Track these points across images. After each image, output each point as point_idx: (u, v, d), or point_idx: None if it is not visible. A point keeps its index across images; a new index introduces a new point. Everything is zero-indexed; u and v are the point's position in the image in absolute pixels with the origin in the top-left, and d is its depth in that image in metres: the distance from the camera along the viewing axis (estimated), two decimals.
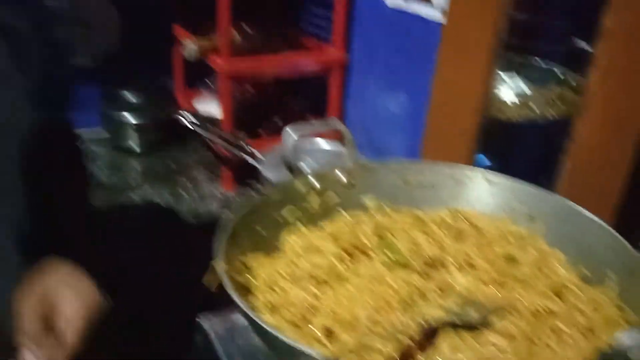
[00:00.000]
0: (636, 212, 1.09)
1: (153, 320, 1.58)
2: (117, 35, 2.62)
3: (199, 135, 2.17)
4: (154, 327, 1.54)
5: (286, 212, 0.90)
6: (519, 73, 1.61)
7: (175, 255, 1.84)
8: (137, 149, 2.50)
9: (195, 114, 2.36)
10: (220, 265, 0.70)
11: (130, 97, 2.49)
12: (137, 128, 2.48)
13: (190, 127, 2.13)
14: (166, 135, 2.56)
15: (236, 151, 1.99)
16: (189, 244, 1.88)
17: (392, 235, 0.86)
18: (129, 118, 2.45)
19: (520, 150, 1.46)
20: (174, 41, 2.56)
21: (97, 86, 2.51)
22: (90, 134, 2.56)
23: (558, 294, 0.74)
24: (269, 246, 0.86)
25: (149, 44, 2.58)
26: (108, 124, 2.53)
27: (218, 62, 2.00)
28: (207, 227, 1.91)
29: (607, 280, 0.77)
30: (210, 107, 2.52)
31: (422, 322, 0.65)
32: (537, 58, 1.63)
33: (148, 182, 2.29)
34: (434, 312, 0.68)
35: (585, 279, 0.79)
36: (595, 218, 0.83)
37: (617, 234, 0.79)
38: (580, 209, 0.85)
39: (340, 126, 1.00)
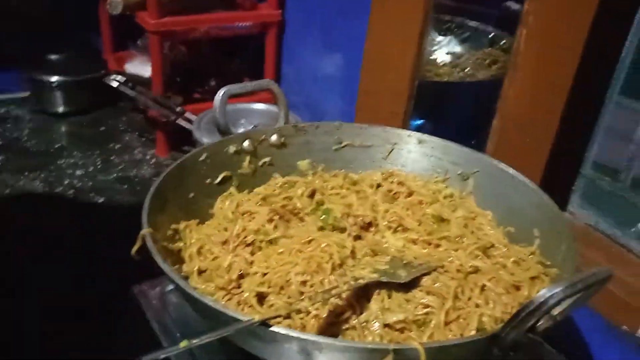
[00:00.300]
0: (565, 172, 1.13)
1: (88, 293, 1.53)
2: None
3: (130, 98, 2.09)
4: (89, 300, 1.50)
5: (218, 177, 0.88)
6: (452, 34, 1.63)
7: (108, 225, 1.79)
8: (61, 110, 2.38)
9: (125, 75, 2.26)
10: (147, 234, 0.68)
11: (54, 56, 2.36)
12: (62, 89, 2.36)
13: (120, 89, 2.05)
14: (94, 98, 2.45)
15: (169, 114, 1.93)
16: (121, 213, 1.84)
17: (326, 197, 0.86)
18: (53, 78, 2.32)
19: (453, 110, 1.48)
20: None
21: (18, 45, 2.38)
22: (12, 96, 2.43)
23: (485, 253, 0.75)
24: (201, 212, 0.84)
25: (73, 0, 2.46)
26: (31, 85, 2.40)
27: (147, 20, 1.91)
28: (141, 194, 1.87)
29: (532, 238, 0.79)
30: (142, 68, 2.42)
31: (352, 283, 0.65)
32: (470, 20, 1.65)
33: (75, 147, 2.20)
34: (364, 273, 0.69)
35: (512, 238, 0.81)
36: (523, 177, 0.85)
37: (542, 193, 0.81)
38: (508, 168, 0.87)
39: (274, 86, 0.97)
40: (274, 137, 0.95)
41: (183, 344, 0.50)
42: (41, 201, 1.91)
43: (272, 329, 0.55)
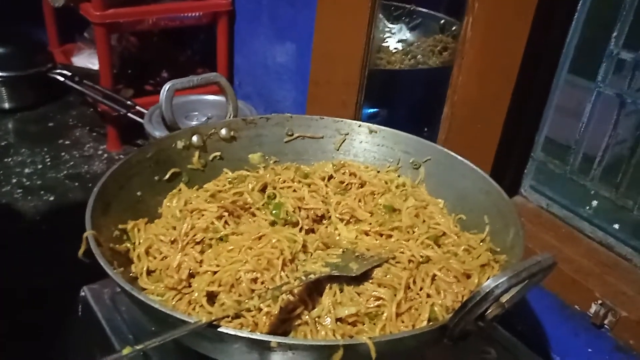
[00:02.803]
0: (517, 156, 1.14)
1: (39, 293, 1.49)
2: None
3: (79, 92, 2.03)
4: (39, 300, 1.46)
5: (167, 173, 0.86)
6: (402, 22, 1.63)
7: (58, 224, 1.74)
8: (7, 107, 2.29)
9: (72, 68, 2.20)
10: (90, 236, 0.66)
11: None
12: (6, 84, 2.27)
13: (67, 83, 1.99)
14: (41, 93, 2.36)
15: (118, 108, 1.88)
16: (73, 211, 1.79)
17: (277, 191, 0.85)
18: None
19: (406, 98, 1.48)
20: None
21: None
22: None
23: (437, 242, 0.76)
24: (150, 211, 0.82)
25: None
26: None
27: (91, 12, 1.85)
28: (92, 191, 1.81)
29: (483, 224, 0.80)
30: (90, 61, 2.35)
31: (303, 279, 0.65)
32: (421, 8, 1.65)
33: (23, 144, 2.12)
34: (315, 267, 0.68)
35: (463, 225, 0.82)
36: (471, 164, 0.85)
37: (491, 180, 0.82)
38: (456, 156, 0.87)
39: (221, 79, 0.95)
40: (223, 131, 0.93)
41: (126, 350, 0.48)
42: None
43: (219, 329, 0.54)
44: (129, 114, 1.86)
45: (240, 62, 2.09)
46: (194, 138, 0.91)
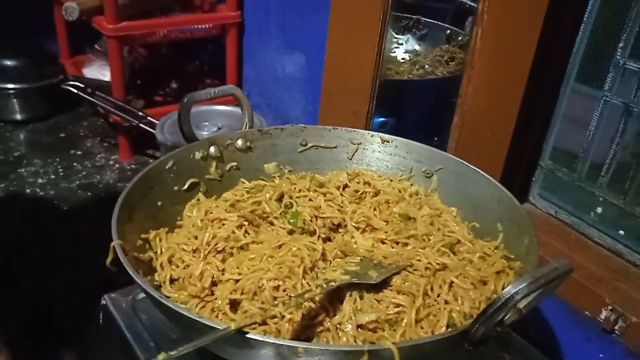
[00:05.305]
0: (525, 164, 1.16)
1: (56, 303, 1.51)
2: None
3: (90, 103, 2.05)
4: (58, 310, 1.48)
5: (185, 184, 0.88)
6: (409, 32, 1.65)
7: (73, 233, 1.76)
8: (20, 118, 2.32)
9: (83, 80, 2.23)
10: (117, 246, 0.68)
11: (8, 62, 2.29)
12: (19, 96, 2.30)
13: (80, 94, 2.02)
14: (53, 104, 2.39)
15: (130, 118, 1.91)
16: (86, 221, 1.81)
17: (294, 200, 0.87)
18: (9, 85, 2.26)
19: (415, 107, 1.50)
20: (55, 1, 2.39)
21: None
22: None
23: (452, 249, 0.77)
24: (170, 220, 0.84)
25: (29, 5, 2.39)
26: None
27: (104, 25, 1.88)
28: (105, 201, 1.84)
29: (496, 232, 0.81)
30: (100, 72, 2.38)
31: (325, 286, 0.66)
32: (427, 19, 1.67)
33: (36, 155, 2.15)
34: (335, 275, 0.70)
35: (477, 232, 0.84)
36: (483, 173, 0.87)
37: (502, 187, 0.84)
38: (469, 165, 0.89)
39: (237, 91, 0.98)
40: (239, 142, 0.96)
41: (161, 356, 0.50)
42: (3, 211, 1.87)
43: (248, 336, 0.56)
44: (141, 125, 1.88)
45: (249, 72, 2.12)
46: (212, 149, 0.93)
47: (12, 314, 1.45)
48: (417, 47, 1.65)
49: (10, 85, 2.28)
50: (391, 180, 0.95)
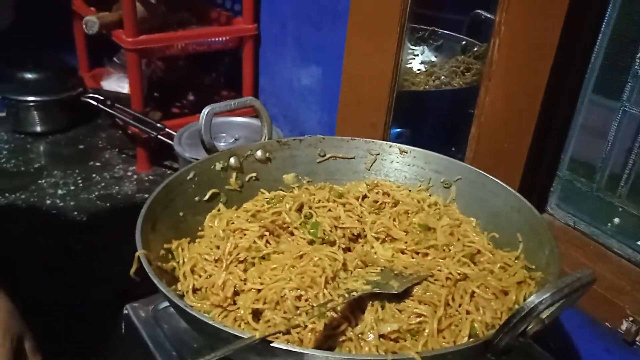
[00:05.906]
0: (543, 174, 1.16)
1: (77, 313, 1.52)
2: (9, 8, 2.46)
3: (109, 115, 2.08)
4: (81, 319, 1.49)
5: (206, 194, 0.89)
6: (425, 44, 1.66)
7: (92, 244, 1.78)
8: (40, 130, 2.36)
9: (102, 92, 2.26)
10: (142, 256, 0.69)
11: (29, 75, 2.33)
12: (39, 109, 2.34)
13: (99, 106, 2.05)
14: (72, 116, 2.43)
15: (149, 130, 1.93)
16: (105, 231, 1.83)
17: (313, 211, 0.88)
18: (29, 97, 2.30)
19: (431, 118, 1.51)
20: (75, 16, 2.43)
21: None
22: None
23: (472, 259, 0.78)
24: (191, 230, 0.85)
25: (48, 19, 2.44)
26: (6, 104, 2.37)
27: (123, 38, 1.91)
28: (124, 212, 1.86)
29: (516, 242, 0.82)
30: (118, 85, 2.42)
31: (346, 295, 0.67)
32: (443, 30, 1.68)
33: (55, 166, 2.18)
34: (357, 285, 0.70)
35: (496, 243, 0.84)
36: (502, 183, 0.88)
37: (522, 198, 0.84)
38: (487, 175, 0.90)
39: (256, 103, 0.99)
40: (259, 153, 0.97)
41: None
42: (24, 222, 1.90)
43: (272, 344, 0.56)
44: (159, 136, 1.91)
45: (265, 84, 2.14)
46: (232, 160, 0.94)
47: (33, 325, 1.47)
48: (433, 58, 1.65)
49: (31, 98, 2.31)
50: (410, 191, 0.95)
